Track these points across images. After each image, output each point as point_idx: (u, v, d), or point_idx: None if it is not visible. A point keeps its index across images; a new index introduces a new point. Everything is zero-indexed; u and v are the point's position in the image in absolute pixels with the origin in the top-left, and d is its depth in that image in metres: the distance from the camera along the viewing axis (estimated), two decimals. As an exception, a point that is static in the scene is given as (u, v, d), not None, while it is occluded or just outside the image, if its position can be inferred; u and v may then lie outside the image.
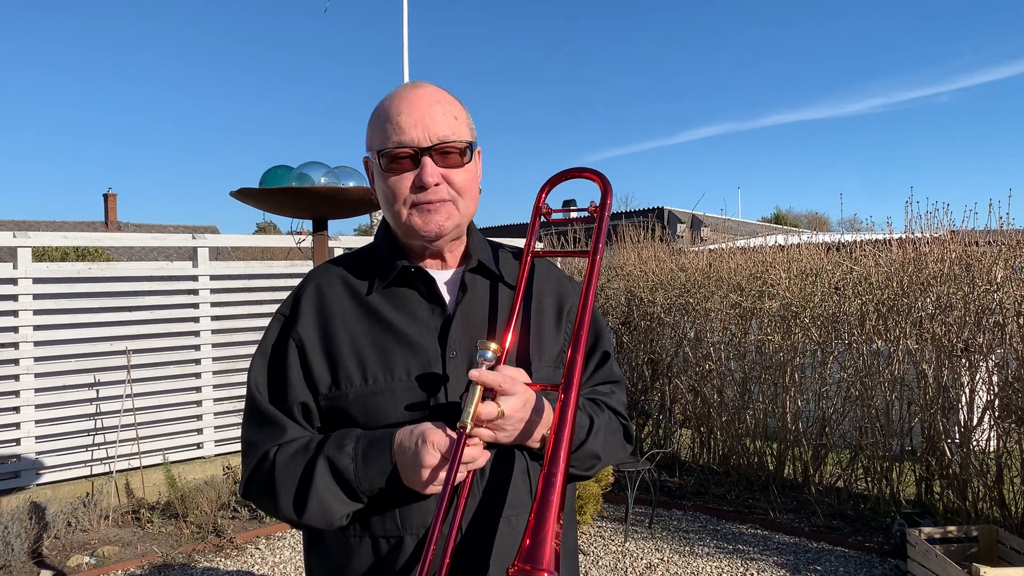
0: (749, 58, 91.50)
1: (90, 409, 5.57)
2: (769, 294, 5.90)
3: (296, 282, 1.49)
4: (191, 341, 6.00)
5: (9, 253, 5.45)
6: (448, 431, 1.20)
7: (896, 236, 5.75)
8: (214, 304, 6.09)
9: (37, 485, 5.35)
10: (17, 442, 5.30)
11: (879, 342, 5.29)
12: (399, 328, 1.35)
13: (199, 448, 6.07)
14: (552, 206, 1.52)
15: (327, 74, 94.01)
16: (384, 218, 1.44)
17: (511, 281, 1.43)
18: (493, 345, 1.24)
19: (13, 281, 5.25)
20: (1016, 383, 4.62)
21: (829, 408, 5.67)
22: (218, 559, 4.84)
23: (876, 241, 5.94)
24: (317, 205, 4.05)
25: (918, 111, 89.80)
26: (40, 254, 15.34)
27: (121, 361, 5.61)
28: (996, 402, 4.76)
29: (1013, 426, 4.70)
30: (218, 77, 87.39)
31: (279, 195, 3.95)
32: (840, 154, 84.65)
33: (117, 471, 5.62)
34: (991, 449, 4.80)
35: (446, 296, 1.38)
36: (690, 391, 6.58)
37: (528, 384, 1.28)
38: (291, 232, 5.01)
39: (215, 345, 6.09)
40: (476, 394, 1.20)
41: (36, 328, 5.34)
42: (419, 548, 1.27)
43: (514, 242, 1.80)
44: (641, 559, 4.75)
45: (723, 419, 6.24)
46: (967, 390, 4.89)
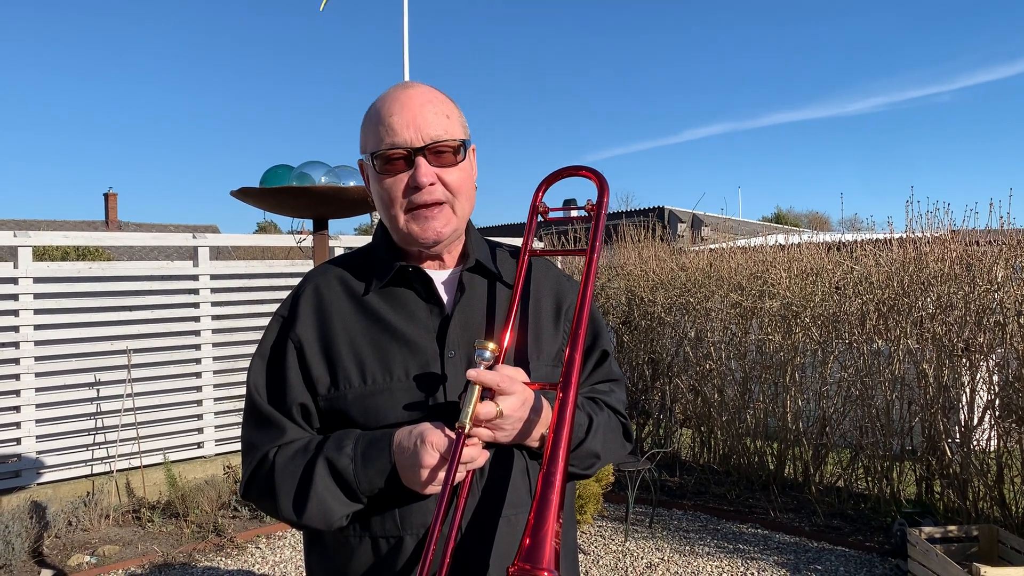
0: (749, 57, 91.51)
1: (91, 408, 5.58)
2: (770, 294, 5.90)
3: (297, 281, 1.48)
4: (192, 340, 6.00)
5: (10, 252, 5.46)
6: (447, 431, 1.20)
7: (897, 236, 5.75)
8: (215, 304, 6.09)
9: (38, 484, 5.35)
10: (18, 441, 5.30)
11: (880, 342, 5.29)
12: (397, 328, 1.34)
13: (200, 447, 6.08)
14: (552, 205, 1.52)
15: (328, 73, 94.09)
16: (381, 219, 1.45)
17: (509, 280, 1.43)
18: (491, 345, 1.24)
19: (14, 280, 5.25)
20: (1016, 383, 4.61)
21: (829, 408, 5.67)
22: (219, 558, 4.84)
23: (877, 241, 5.94)
24: (317, 204, 4.05)
25: (919, 110, 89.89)
26: (41, 253, 15.36)
27: (122, 360, 5.62)
28: (996, 402, 4.76)
29: (1014, 426, 4.70)
30: (218, 77, 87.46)
31: (280, 194, 3.95)
32: (841, 153, 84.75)
33: (118, 470, 5.62)
34: (991, 449, 4.80)
35: (444, 296, 1.38)
36: (690, 390, 6.58)
37: (527, 383, 1.28)
38: (292, 231, 5.01)
39: (216, 344, 6.09)
40: (474, 394, 1.20)
41: (37, 327, 5.34)
42: (419, 548, 1.27)
43: (513, 241, 1.80)
44: (641, 558, 4.75)
45: (723, 419, 6.24)
46: (968, 390, 4.89)
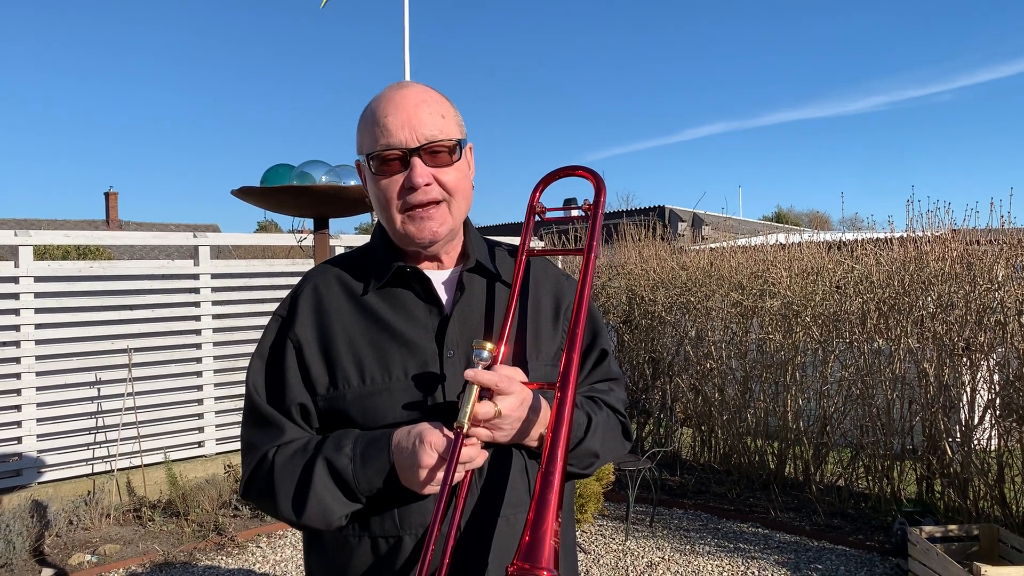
0: (750, 56, 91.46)
1: (91, 408, 5.58)
2: (770, 293, 5.89)
3: (297, 281, 1.49)
4: (192, 340, 6.01)
5: (11, 251, 5.46)
6: (445, 431, 1.20)
7: (897, 235, 5.74)
8: (215, 303, 6.09)
9: (39, 483, 5.36)
10: (19, 440, 5.31)
11: (880, 341, 5.28)
12: (396, 328, 1.35)
13: (200, 446, 6.08)
14: (552, 205, 1.52)
15: (328, 73, 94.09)
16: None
17: (508, 280, 1.43)
18: (489, 344, 1.24)
19: (15, 279, 5.25)
20: (1017, 382, 4.61)
21: (830, 407, 5.67)
22: (219, 557, 4.84)
23: (877, 240, 5.93)
24: (318, 204, 4.05)
25: (920, 110, 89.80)
26: (41, 252, 15.37)
27: (122, 359, 5.62)
28: (997, 401, 4.76)
29: (1014, 425, 4.70)
30: (219, 76, 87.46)
31: (280, 194, 3.95)
32: (841, 153, 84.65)
33: (118, 469, 5.62)
34: (992, 448, 4.80)
35: (443, 296, 1.38)
36: (691, 390, 6.58)
37: (525, 383, 1.28)
38: (292, 231, 5.01)
39: (216, 344, 6.10)
40: (473, 394, 1.20)
41: (38, 326, 5.34)
42: (418, 548, 1.27)
43: (513, 241, 1.80)
44: (642, 558, 4.75)
45: (724, 418, 6.24)
46: (968, 389, 4.89)
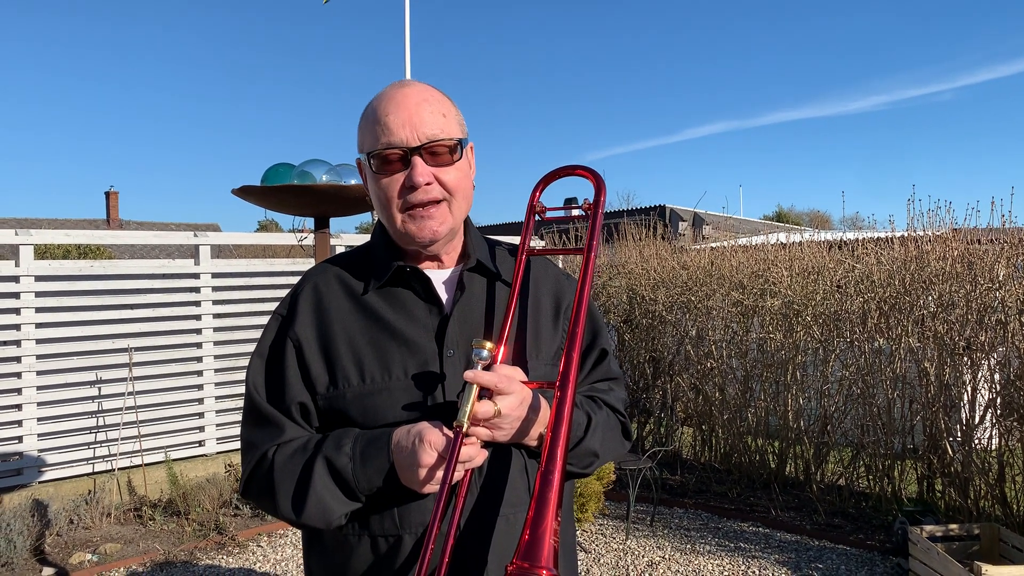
0: (750, 56, 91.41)
1: (92, 407, 5.59)
2: (771, 292, 5.89)
3: (298, 280, 1.49)
4: (193, 339, 6.01)
5: (11, 251, 5.46)
6: (445, 430, 1.20)
7: (898, 234, 5.74)
8: (216, 302, 6.10)
9: (39, 483, 5.36)
10: (19, 440, 5.31)
11: (881, 340, 5.28)
12: (396, 327, 1.35)
13: (201, 446, 6.08)
14: (553, 204, 1.52)
15: (329, 72, 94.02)
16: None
17: (509, 279, 1.43)
18: (489, 344, 1.24)
19: (15, 279, 5.26)
20: (1018, 381, 4.61)
21: (831, 406, 5.67)
22: (220, 556, 4.84)
23: (878, 239, 5.93)
24: (319, 203, 4.05)
25: (920, 109, 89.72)
26: (42, 252, 15.37)
27: (123, 359, 5.62)
28: (998, 400, 4.75)
29: (1015, 424, 4.70)
30: (219, 75, 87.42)
31: (281, 193, 3.95)
32: (842, 152, 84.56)
33: (119, 469, 5.63)
34: (993, 447, 4.80)
35: (443, 295, 1.38)
36: (692, 389, 6.58)
37: (525, 382, 1.28)
38: (293, 230, 5.01)
39: (217, 343, 6.10)
40: (472, 393, 1.20)
41: (38, 326, 5.34)
42: (417, 547, 1.27)
43: (513, 240, 1.80)
44: (643, 557, 4.75)
45: (725, 417, 6.24)
46: (969, 388, 4.89)
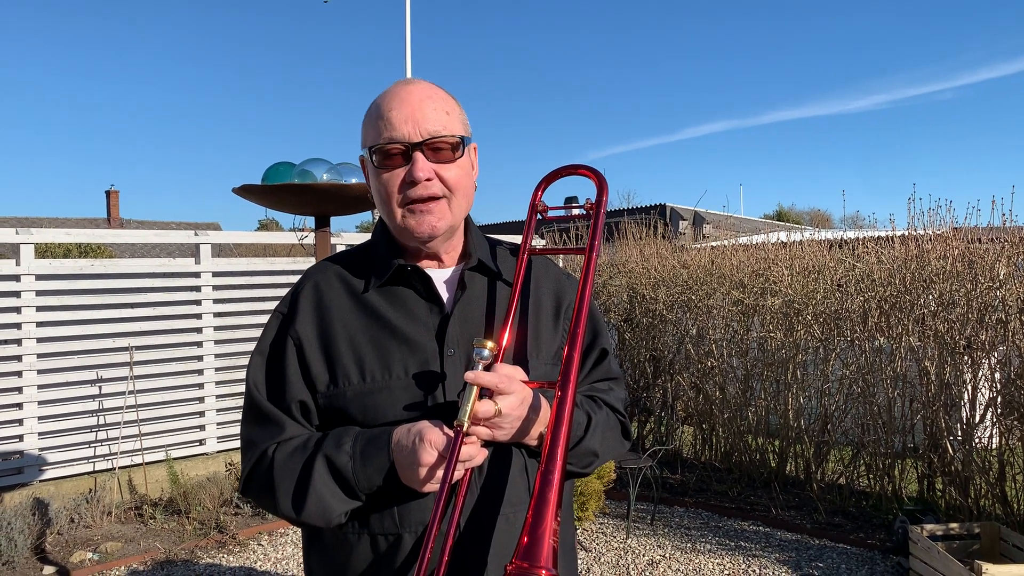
0: (751, 54, 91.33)
1: (93, 405, 5.59)
2: (771, 291, 5.89)
3: (298, 278, 1.49)
4: (193, 338, 6.01)
5: (12, 250, 5.46)
6: (445, 429, 1.21)
7: (899, 233, 5.74)
8: (216, 301, 6.10)
9: (40, 481, 5.37)
10: (20, 438, 5.32)
11: (881, 339, 5.28)
12: (397, 326, 1.35)
13: (201, 444, 6.09)
14: (553, 203, 1.52)
15: (329, 71, 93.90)
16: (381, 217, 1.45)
17: (510, 279, 1.43)
18: (490, 343, 1.24)
19: (16, 278, 5.26)
20: (1019, 380, 4.61)
21: (831, 405, 5.67)
22: (221, 555, 4.85)
23: (879, 238, 5.93)
24: (319, 202, 4.05)
25: (921, 108, 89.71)
26: (43, 251, 15.35)
27: (124, 358, 5.62)
28: (998, 399, 4.75)
29: (1015, 423, 4.69)
30: (220, 74, 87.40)
31: (281, 192, 3.95)
32: (843, 151, 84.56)
33: (120, 467, 5.63)
34: (993, 446, 4.80)
35: (444, 294, 1.38)
36: (692, 388, 6.58)
37: (525, 382, 1.28)
38: (293, 229, 5.00)
39: (217, 342, 6.10)
40: (473, 392, 1.20)
41: (39, 325, 5.35)
42: (417, 545, 1.28)
43: (514, 239, 1.80)
44: (643, 556, 4.75)
45: (725, 416, 6.24)
46: (969, 387, 4.89)
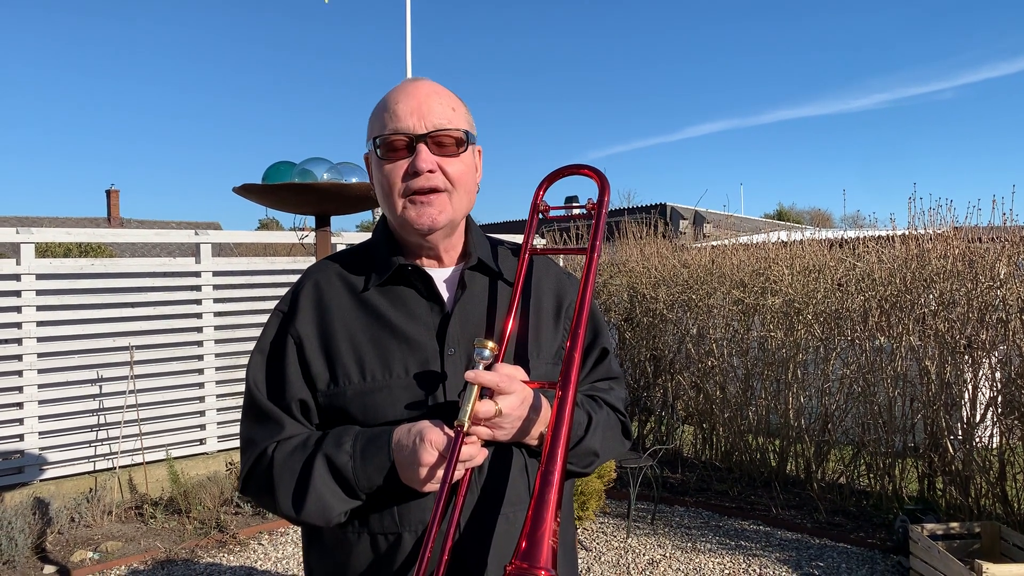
0: (751, 54, 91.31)
1: (93, 405, 5.59)
2: (772, 290, 5.89)
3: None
4: (194, 337, 6.01)
5: (12, 249, 5.47)
6: (446, 429, 1.21)
7: (899, 232, 5.73)
8: (217, 300, 6.10)
9: (41, 480, 5.37)
10: (21, 438, 5.32)
11: (882, 338, 5.28)
12: (397, 325, 1.35)
13: (202, 444, 6.09)
14: (554, 202, 1.52)
15: (330, 70, 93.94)
16: (382, 215, 1.45)
17: (510, 278, 1.43)
18: (490, 344, 1.24)
19: (16, 277, 5.26)
20: (1019, 379, 4.60)
21: (832, 404, 5.67)
22: (221, 555, 4.85)
23: (879, 237, 5.92)
24: (320, 201, 4.05)
25: (921, 107, 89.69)
26: (43, 250, 15.36)
27: (124, 357, 5.62)
28: (999, 399, 4.75)
29: (1016, 423, 4.69)
30: (220, 74, 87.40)
31: (282, 191, 3.94)
32: (843, 150, 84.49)
33: (120, 466, 5.63)
34: (994, 446, 4.79)
35: (444, 294, 1.38)
36: (692, 387, 6.57)
37: (526, 382, 1.28)
38: (294, 228, 5.00)
39: (218, 341, 6.10)
40: (474, 392, 1.20)
41: (39, 324, 5.34)
42: (417, 545, 1.27)
43: (514, 238, 1.80)
44: (644, 555, 4.75)
45: (725, 415, 6.23)
46: (970, 387, 4.88)
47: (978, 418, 4.82)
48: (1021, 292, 4.60)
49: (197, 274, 6.02)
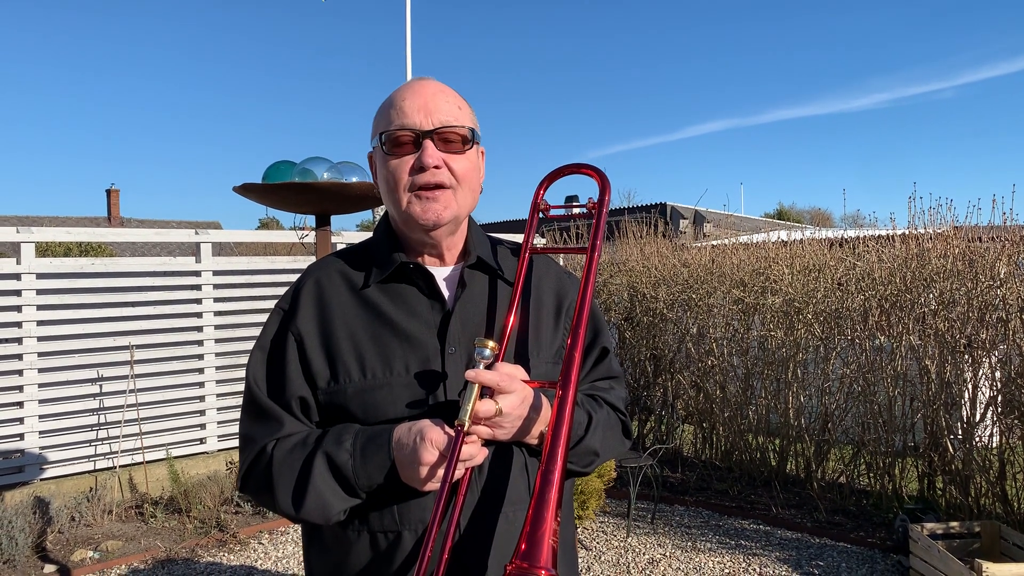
0: (751, 53, 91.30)
1: (93, 404, 5.59)
2: (772, 290, 5.89)
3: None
4: (194, 336, 6.01)
5: (12, 248, 5.46)
6: (446, 428, 1.21)
7: (899, 232, 5.74)
8: (217, 299, 6.10)
9: (41, 480, 5.37)
10: (21, 437, 5.32)
11: (882, 338, 5.28)
12: (398, 323, 1.35)
13: (202, 443, 6.09)
14: (554, 202, 1.52)
15: (330, 70, 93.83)
16: (384, 214, 1.45)
17: (510, 277, 1.43)
18: (491, 343, 1.24)
19: (16, 276, 5.26)
20: (1019, 379, 4.61)
21: (832, 404, 5.67)
22: (221, 554, 4.85)
23: (879, 237, 5.93)
24: (320, 200, 4.05)
25: (921, 107, 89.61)
26: (44, 249, 15.36)
27: (124, 356, 5.62)
28: (999, 398, 4.75)
29: (1016, 422, 4.70)
30: (221, 72, 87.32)
31: (282, 191, 3.94)
32: (843, 150, 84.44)
33: (120, 466, 5.63)
34: (994, 445, 4.80)
35: (445, 292, 1.38)
36: (692, 387, 6.58)
37: (526, 381, 1.28)
38: (294, 227, 5.00)
39: (218, 340, 6.10)
40: (474, 391, 1.20)
41: (40, 323, 5.35)
42: (418, 544, 1.27)
43: (514, 238, 1.80)
44: (644, 554, 4.75)
45: (725, 415, 6.24)
46: (970, 386, 4.89)
47: (978, 417, 4.83)
48: (1021, 291, 4.60)
49: (197, 273, 6.02)
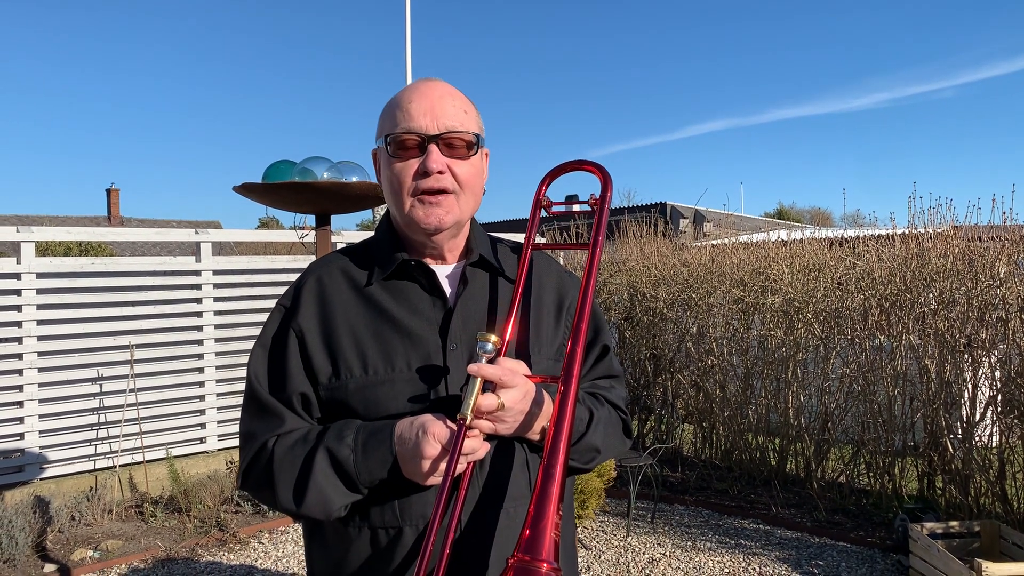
0: (751, 53, 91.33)
1: (93, 403, 5.59)
2: (772, 289, 5.89)
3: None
4: (194, 336, 6.02)
5: (12, 248, 5.47)
6: (448, 423, 1.21)
7: (899, 231, 5.74)
8: (217, 299, 6.10)
9: (41, 479, 5.37)
10: (21, 436, 5.32)
11: (882, 337, 5.28)
12: (399, 320, 1.35)
13: (202, 443, 6.09)
14: (555, 199, 1.53)
15: (330, 69, 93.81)
16: (385, 212, 1.45)
17: (511, 275, 1.44)
18: (493, 337, 1.25)
19: (16, 276, 5.26)
20: (1019, 379, 4.61)
21: (831, 403, 5.67)
22: (221, 553, 4.85)
23: (879, 236, 5.93)
24: (320, 200, 4.05)
25: (921, 106, 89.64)
26: (44, 249, 15.33)
27: (124, 356, 5.63)
28: (999, 398, 4.76)
29: (1016, 422, 4.70)
30: (221, 72, 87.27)
31: (282, 190, 3.95)
32: (843, 149, 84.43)
33: (120, 465, 5.63)
34: (993, 444, 4.80)
35: (447, 289, 1.39)
36: (692, 386, 6.58)
37: (528, 376, 1.28)
38: (294, 227, 5.00)
39: (218, 340, 6.11)
40: (476, 386, 1.20)
41: (40, 323, 5.35)
42: (419, 539, 1.28)
43: (514, 237, 1.81)
44: (643, 554, 4.76)
45: (725, 414, 6.24)
46: (970, 386, 4.89)
47: (978, 417, 4.83)
48: (1021, 291, 4.60)
49: (197, 273, 6.02)
